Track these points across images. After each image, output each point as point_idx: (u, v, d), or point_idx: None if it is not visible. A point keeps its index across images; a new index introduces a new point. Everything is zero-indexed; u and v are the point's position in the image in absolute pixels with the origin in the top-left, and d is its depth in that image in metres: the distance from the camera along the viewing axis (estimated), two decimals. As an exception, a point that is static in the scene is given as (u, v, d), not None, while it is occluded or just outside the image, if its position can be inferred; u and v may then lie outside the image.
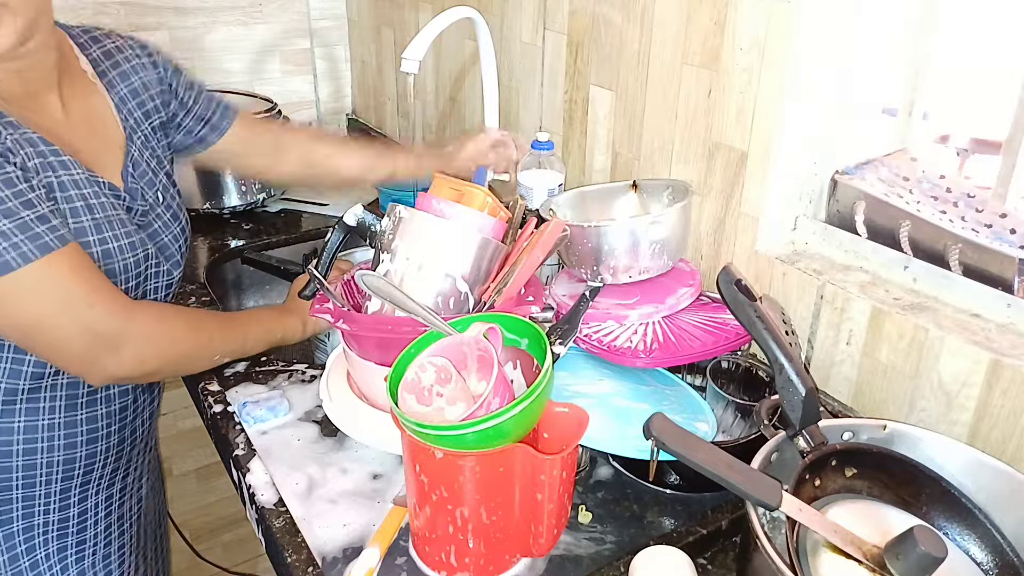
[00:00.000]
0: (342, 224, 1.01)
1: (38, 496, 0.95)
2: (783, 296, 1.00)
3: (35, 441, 0.92)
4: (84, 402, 0.94)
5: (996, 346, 0.81)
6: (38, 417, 0.91)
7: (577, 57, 1.26)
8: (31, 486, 0.94)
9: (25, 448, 0.92)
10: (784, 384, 0.71)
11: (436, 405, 0.75)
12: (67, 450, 0.94)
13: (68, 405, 0.93)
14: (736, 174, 1.03)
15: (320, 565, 0.77)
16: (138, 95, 1.02)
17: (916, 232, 0.93)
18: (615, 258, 1.00)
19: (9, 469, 0.92)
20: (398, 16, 1.75)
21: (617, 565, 0.75)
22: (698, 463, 0.63)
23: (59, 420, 0.93)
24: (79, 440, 0.95)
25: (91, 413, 0.95)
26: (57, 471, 0.95)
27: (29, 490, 0.94)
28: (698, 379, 1.02)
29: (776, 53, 0.94)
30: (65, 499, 0.97)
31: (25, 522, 0.95)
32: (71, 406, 0.93)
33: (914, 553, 0.58)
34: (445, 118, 1.69)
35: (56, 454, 0.94)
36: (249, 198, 1.58)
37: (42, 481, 0.94)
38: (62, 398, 0.92)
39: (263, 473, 0.88)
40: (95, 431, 0.96)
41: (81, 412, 0.94)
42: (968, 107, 1.07)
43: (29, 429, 0.91)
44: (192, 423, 1.87)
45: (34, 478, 0.93)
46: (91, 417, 0.95)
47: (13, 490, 0.93)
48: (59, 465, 0.94)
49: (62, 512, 0.97)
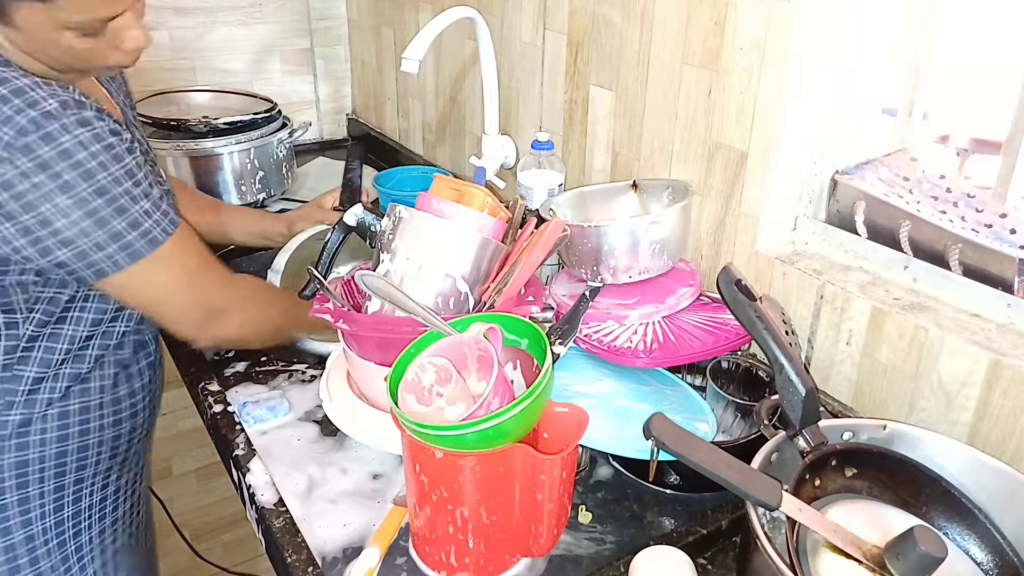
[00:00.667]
0: (342, 224, 1.01)
1: (85, 478, 0.97)
2: (783, 296, 1.00)
3: (88, 422, 0.95)
4: (124, 377, 0.99)
5: (996, 346, 0.81)
6: (90, 397, 0.95)
7: (577, 57, 1.26)
8: (83, 468, 0.97)
9: (80, 430, 0.95)
10: (784, 384, 0.71)
11: (436, 405, 0.75)
12: (114, 427, 0.98)
13: (113, 383, 0.97)
14: (736, 174, 1.03)
15: (320, 565, 0.76)
16: (114, 80, 1.04)
17: (916, 232, 0.93)
18: (615, 258, 1.00)
19: (64, 453, 0.94)
20: (398, 16, 1.75)
21: (617, 565, 0.75)
22: (698, 463, 0.63)
23: (108, 398, 0.97)
24: (123, 415, 0.99)
25: (130, 388, 1.00)
26: (106, 450, 0.98)
27: (80, 472, 0.97)
28: (698, 379, 1.02)
29: (776, 53, 0.94)
30: (59, 498, 0.97)
31: (74, 507, 0.98)
32: (114, 384, 0.97)
33: (914, 553, 0.58)
34: (445, 118, 1.69)
35: (106, 431, 0.97)
36: (249, 198, 1.58)
37: (91, 463, 0.97)
38: (110, 376, 0.97)
39: (263, 473, 0.88)
40: (135, 404, 1.00)
41: (122, 387, 0.98)
42: (968, 107, 1.06)
43: (83, 411, 0.95)
44: (192, 423, 1.87)
45: (86, 460, 0.96)
46: (131, 392, 1.00)
47: (67, 475, 0.96)
48: (109, 443, 0.98)
49: (57, 515, 0.98)
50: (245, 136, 1.54)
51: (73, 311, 0.91)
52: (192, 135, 1.51)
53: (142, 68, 1.73)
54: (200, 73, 1.83)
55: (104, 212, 0.80)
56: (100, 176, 0.79)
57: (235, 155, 1.53)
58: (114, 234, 0.81)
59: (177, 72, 1.80)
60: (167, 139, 1.51)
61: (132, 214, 0.82)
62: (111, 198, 0.80)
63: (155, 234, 0.85)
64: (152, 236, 0.84)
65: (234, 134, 1.53)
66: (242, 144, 1.53)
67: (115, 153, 0.80)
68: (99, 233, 0.80)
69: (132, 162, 0.83)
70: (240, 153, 1.53)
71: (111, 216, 0.81)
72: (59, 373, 0.92)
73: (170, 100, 1.65)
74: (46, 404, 0.92)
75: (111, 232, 0.81)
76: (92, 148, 0.78)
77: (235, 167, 1.54)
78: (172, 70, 1.79)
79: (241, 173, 1.55)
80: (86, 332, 0.93)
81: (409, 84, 1.81)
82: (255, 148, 1.54)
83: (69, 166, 0.77)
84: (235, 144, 1.52)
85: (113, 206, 0.80)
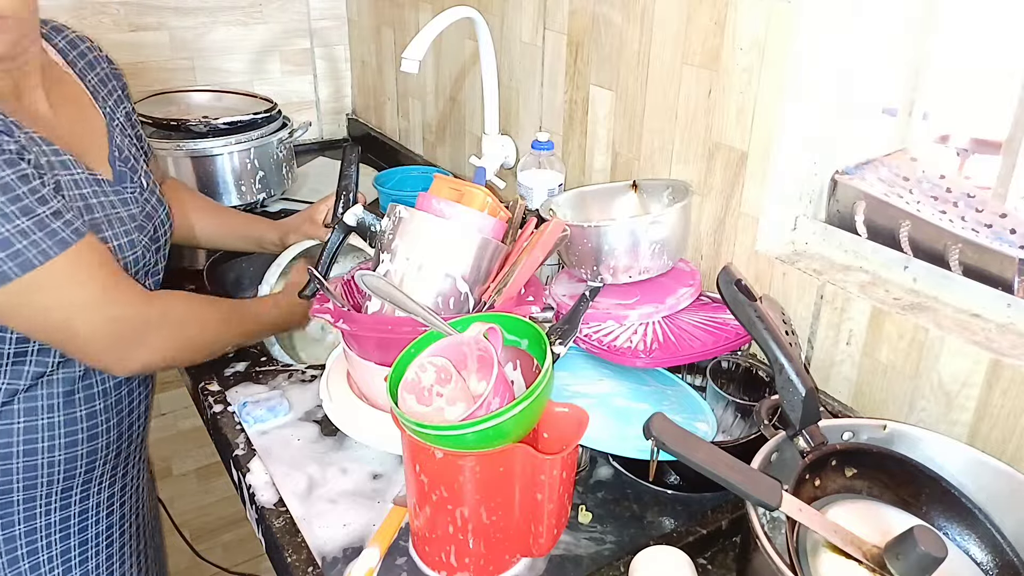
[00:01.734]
0: (342, 224, 1.01)
1: (39, 497, 0.94)
2: (783, 296, 1.00)
3: (35, 441, 0.91)
4: (82, 397, 0.94)
5: (996, 346, 0.81)
6: (37, 417, 0.91)
7: (577, 57, 1.26)
8: (32, 487, 0.93)
9: (25, 449, 0.91)
10: (784, 384, 0.71)
11: (436, 405, 0.75)
12: (68, 448, 0.94)
13: (66, 402, 0.93)
14: (736, 174, 1.03)
15: (320, 565, 0.77)
16: (105, 84, 1.03)
17: (916, 232, 0.93)
18: (615, 258, 1.00)
19: (9, 471, 0.91)
20: (398, 16, 1.75)
21: (617, 565, 0.75)
22: (698, 463, 0.63)
23: (59, 418, 0.92)
24: (80, 437, 0.95)
25: (90, 409, 0.95)
26: (59, 471, 0.94)
27: (31, 491, 0.93)
28: (698, 379, 1.02)
29: (776, 53, 0.94)
30: (67, 499, 0.97)
31: (27, 524, 0.95)
32: (69, 403, 0.93)
33: (914, 553, 0.58)
34: (445, 118, 1.69)
35: (57, 453, 0.93)
36: (249, 198, 1.57)
37: (43, 482, 0.94)
38: (59, 395, 0.92)
39: (263, 473, 0.88)
40: (95, 427, 0.96)
41: (80, 408, 0.94)
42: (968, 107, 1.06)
43: (29, 430, 0.91)
44: (192, 423, 1.87)
45: (35, 479, 0.93)
46: (91, 413, 0.95)
47: (14, 492, 0.92)
48: (61, 464, 0.94)
49: (63, 512, 0.97)
50: (245, 136, 1.54)
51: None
52: (192, 135, 1.51)
53: (142, 68, 1.74)
54: (200, 73, 1.83)
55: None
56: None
57: (235, 155, 1.53)
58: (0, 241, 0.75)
59: (177, 72, 1.80)
60: (167, 139, 1.50)
61: (19, 224, 0.76)
62: None
63: (64, 235, 0.79)
64: (61, 237, 0.79)
65: (234, 134, 1.53)
66: (242, 144, 1.53)
67: (7, 159, 0.76)
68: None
69: (28, 168, 0.78)
70: (240, 153, 1.53)
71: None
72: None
73: (170, 100, 1.65)
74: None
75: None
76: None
77: (235, 167, 1.54)
78: (172, 70, 1.79)
79: (241, 173, 1.55)
80: (12, 349, 0.86)
81: (409, 84, 1.81)
82: (255, 148, 1.54)
83: None
84: (235, 144, 1.52)
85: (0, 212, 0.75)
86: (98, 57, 1.05)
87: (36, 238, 0.78)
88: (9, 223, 0.76)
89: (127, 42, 1.71)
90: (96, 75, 1.02)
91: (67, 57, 0.99)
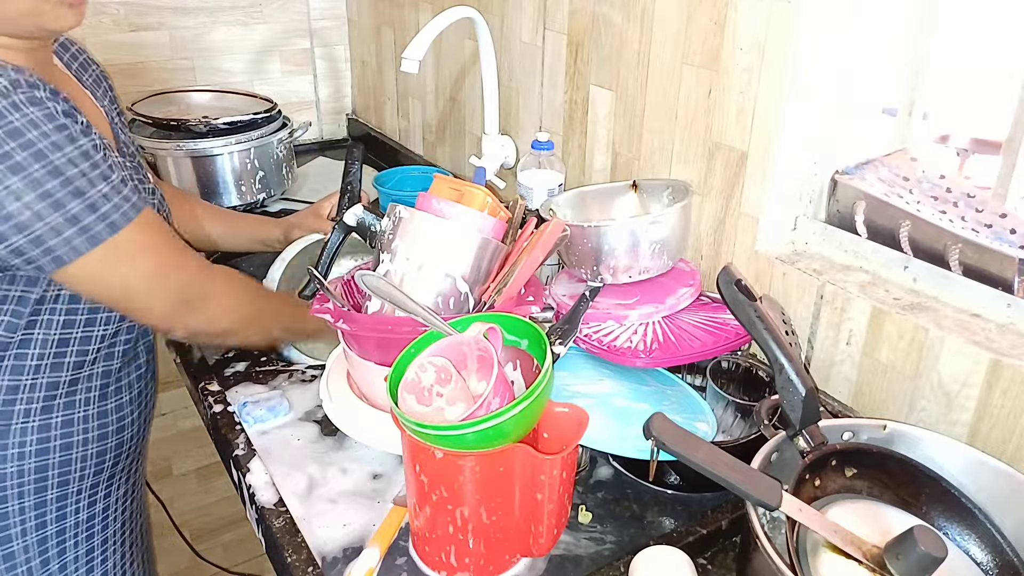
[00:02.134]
0: (342, 224, 1.01)
1: (71, 495, 0.95)
2: (783, 296, 1.00)
3: (72, 435, 0.92)
4: (113, 390, 0.96)
5: (996, 346, 0.81)
6: (75, 410, 0.92)
7: (577, 57, 1.26)
8: (65, 484, 0.94)
9: (63, 443, 0.92)
10: (784, 384, 0.71)
11: (436, 405, 0.75)
12: (100, 441, 0.96)
13: (101, 395, 0.94)
14: (736, 174, 1.03)
15: (320, 565, 0.77)
16: (99, 85, 1.03)
17: (916, 232, 0.93)
18: (615, 258, 1.00)
19: (46, 467, 0.91)
20: (398, 16, 1.75)
21: (617, 565, 0.75)
22: (698, 463, 0.63)
23: (93, 411, 0.94)
24: (110, 430, 0.96)
25: (119, 401, 0.97)
26: (90, 464, 0.96)
27: (64, 488, 0.94)
28: (698, 379, 1.02)
29: (776, 53, 0.94)
30: (93, 497, 0.97)
31: (58, 524, 0.95)
32: (103, 395, 0.95)
33: (914, 553, 0.58)
34: (445, 118, 1.69)
35: (91, 446, 0.95)
36: (249, 198, 1.57)
37: (75, 478, 0.95)
38: (97, 388, 0.94)
39: (263, 473, 0.88)
40: (123, 418, 0.98)
41: (111, 400, 0.96)
42: (968, 107, 1.06)
43: (67, 423, 0.92)
44: (192, 423, 1.87)
45: (69, 475, 0.94)
46: (119, 405, 0.97)
47: (48, 490, 0.93)
48: (92, 459, 0.95)
49: (90, 510, 0.98)
50: (245, 136, 1.54)
51: (43, 313, 0.87)
52: (192, 135, 1.51)
53: (142, 68, 1.74)
54: (200, 73, 1.83)
55: (59, 194, 0.76)
56: (53, 156, 0.75)
57: (235, 155, 1.53)
58: (70, 217, 0.77)
59: (177, 72, 1.80)
60: (167, 139, 1.51)
61: (90, 197, 0.78)
62: (66, 180, 0.76)
63: (114, 218, 0.80)
64: (112, 220, 0.80)
65: (234, 134, 1.53)
66: (242, 144, 1.53)
67: (69, 134, 0.77)
68: (55, 216, 0.76)
69: (88, 144, 0.79)
70: (240, 153, 1.53)
71: (67, 198, 0.76)
72: (35, 383, 0.89)
73: (170, 100, 1.65)
74: (24, 416, 0.89)
75: (67, 215, 0.77)
76: (44, 127, 0.75)
77: (235, 167, 1.54)
78: (172, 70, 1.79)
79: (241, 173, 1.55)
80: (57, 336, 0.88)
81: (409, 84, 1.81)
82: (255, 148, 1.54)
83: (19, 146, 0.74)
84: (235, 144, 1.52)
85: (68, 188, 0.76)
86: (88, 59, 1.06)
87: (116, 201, 0.80)
88: (94, 188, 0.78)
89: (127, 42, 1.71)
90: (90, 76, 1.03)
91: (62, 59, 0.99)
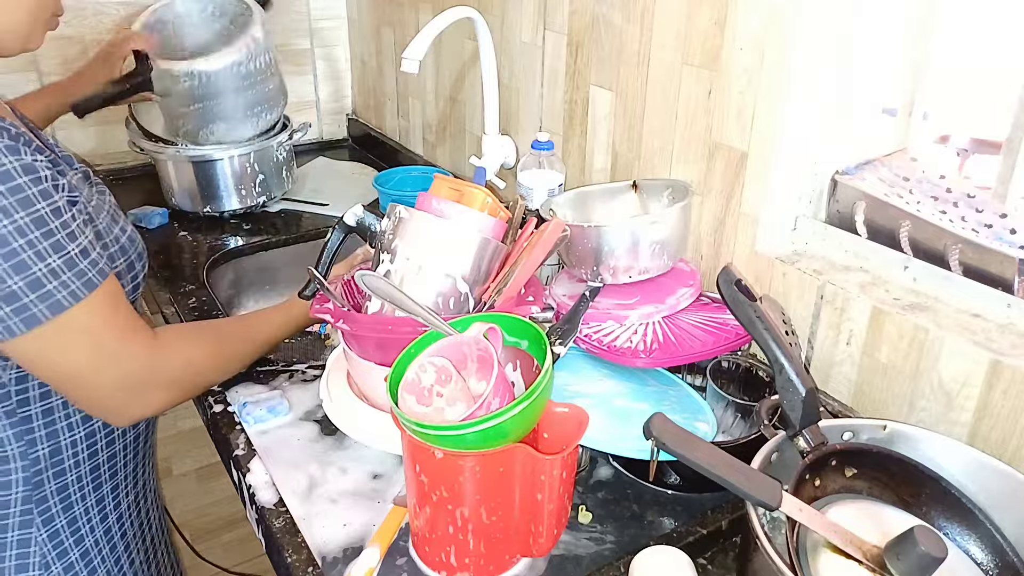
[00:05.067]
0: (342, 224, 1.01)
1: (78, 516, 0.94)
2: (783, 296, 1.00)
3: (62, 462, 0.91)
4: None
5: (996, 346, 0.81)
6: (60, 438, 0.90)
7: (577, 57, 1.26)
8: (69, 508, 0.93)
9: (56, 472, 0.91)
10: (784, 384, 0.71)
11: (436, 405, 0.75)
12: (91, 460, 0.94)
13: (84, 417, 0.92)
14: (736, 174, 1.03)
15: (320, 565, 0.77)
16: None
17: (916, 232, 0.93)
18: (615, 258, 1.00)
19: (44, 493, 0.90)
20: (398, 16, 1.75)
21: (617, 565, 0.75)
22: (698, 463, 0.63)
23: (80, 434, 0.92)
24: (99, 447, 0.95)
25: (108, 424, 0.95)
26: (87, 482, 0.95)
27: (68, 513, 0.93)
28: (698, 379, 1.02)
29: (776, 53, 0.94)
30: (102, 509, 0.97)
31: (74, 536, 0.94)
32: (87, 418, 0.92)
33: (914, 553, 0.58)
34: (445, 118, 1.70)
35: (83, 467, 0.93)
36: (249, 201, 1.57)
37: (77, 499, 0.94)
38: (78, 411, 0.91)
39: (263, 473, 0.88)
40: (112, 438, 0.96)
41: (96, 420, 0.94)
42: (968, 107, 1.06)
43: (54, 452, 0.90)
44: (192, 423, 1.87)
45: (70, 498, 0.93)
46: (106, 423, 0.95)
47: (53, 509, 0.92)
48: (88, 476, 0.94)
49: (104, 524, 0.97)
50: None
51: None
52: None
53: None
54: (200, 73, 1.82)
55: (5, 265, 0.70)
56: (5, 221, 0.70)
57: (235, 159, 1.53)
58: (7, 295, 0.71)
59: (177, 72, 1.79)
60: (168, 143, 1.51)
61: (51, 263, 0.73)
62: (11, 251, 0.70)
63: (90, 276, 0.76)
64: (88, 278, 0.76)
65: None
66: (242, 148, 1.53)
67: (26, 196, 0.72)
68: None
69: (60, 200, 0.74)
70: (240, 157, 1.53)
71: (5, 274, 0.71)
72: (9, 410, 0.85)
73: None
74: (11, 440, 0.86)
75: (5, 293, 0.71)
76: None
77: (235, 171, 1.54)
78: (172, 70, 1.79)
79: (241, 177, 1.55)
80: (14, 374, 0.83)
81: (409, 84, 1.81)
82: (255, 152, 1.54)
83: None
84: (235, 148, 1.52)
85: (10, 262, 0.70)
86: None
87: (66, 278, 0.74)
88: (42, 262, 0.73)
89: (127, 42, 1.71)
90: None
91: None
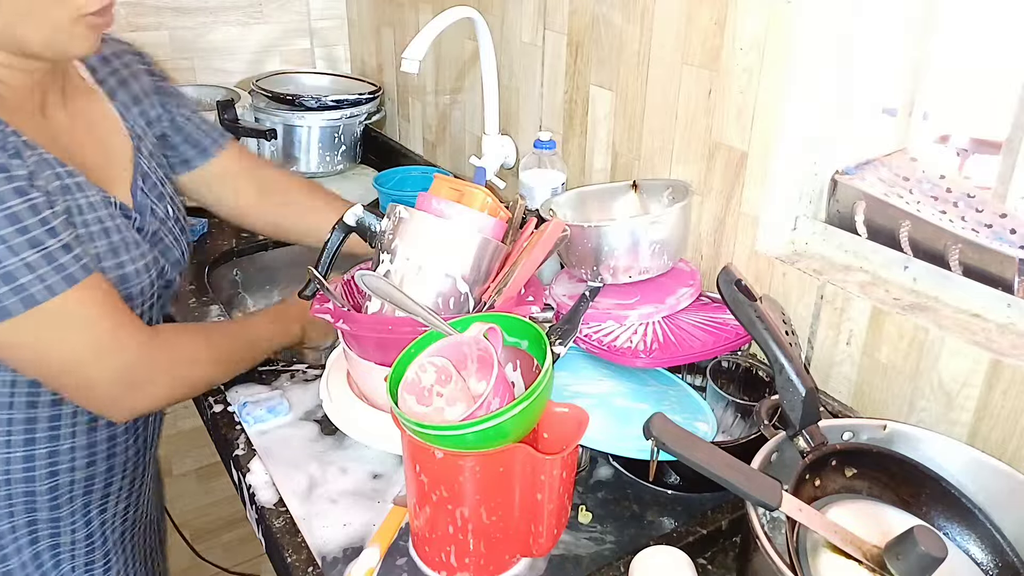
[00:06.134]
0: (342, 224, 1.01)
1: (63, 517, 0.94)
2: (783, 296, 1.00)
3: (57, 464, 0.90)
4: (104, 422, 0.93)
5: (996, 346, 0.81)
6: (59, 443, 0.90)
7: (577, 57, 1.26)
8: (56, 508, 0.93)
9: (48, 472, 0.90)
10: (784, 384, 0.71)
11: (436, 405, 0.75)
12: (88, 468, 0.93)
13: (89, 428, 0.92)
14: (736, 174, 1.03)
15: (320, 565, 0.77)
16: (139, 102, 0.99)
17: (916, 232, 0.93)
18: (615, 258, 1.00)
19: (33, 494, 0.90)
20: (398, 16, 1.75)
21: (617, 565, 0.75)
22: (698, 463, 0.63)
23: (82, 442, 0.92)
24: (98, 458, 0.94)
25: (111, 432, 0.95)
26: (79, 490, 0.94)
27: (54, 512, 0.93)
28: (698, 379, 1.01)
29: (776, 53, 0.94)
30: (87, 514, 0.96)
31: (51, 540, 0.94)
32: (91, 428, 0.92)
33: (914, 553, 0.58)
34: (445, 118, 1.69)
35: (77, 473, 0.93)
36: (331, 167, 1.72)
37: (64, 501, 0.93)
38: (83, 421, 0.91)
39: (263, 473, 0.88)
40: (113, 447, 0.96)
41: (102, 432, 0.94)
42: (968, 107, 1.07)
43: (51, 454, 0.90)
44: (192, 423, 1.87)
45: (59, 499, 0.92)
46: (111, 435, 0.95)
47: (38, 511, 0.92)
48: (81, 483, 0.94)
49: (87, 528, 0.97)
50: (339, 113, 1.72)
51: None
52: (303, 108, 1.69)
53: (142, 68, 1.74)
54: (200, 73, 1.83)
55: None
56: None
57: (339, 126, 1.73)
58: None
59: (177, 72, 1.80)
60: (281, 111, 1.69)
61: (25, 258, 0.73)
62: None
63: (72, 271, 0.76)
64: (69, 273, 0.76)
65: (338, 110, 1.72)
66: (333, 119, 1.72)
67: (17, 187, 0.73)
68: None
69: (38, 197, 0.74)
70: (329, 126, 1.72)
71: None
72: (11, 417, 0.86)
73: (289, 79, 1.85)
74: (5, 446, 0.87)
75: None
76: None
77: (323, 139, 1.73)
78: (172, 70, 1.79)
79: (330, 144, 1.75)
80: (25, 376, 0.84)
81: (409, 84, 1.81)
82: (344, 123, 1.73)
83: None
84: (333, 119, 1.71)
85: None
86: (135, 73, 1.00)
87: (42, 272, 0.74)
88: (15, 256, 0.73)
89: (127, 42, 1.71)
90: (128, 93, 0.98)
91: (97, 75, 0.96)
